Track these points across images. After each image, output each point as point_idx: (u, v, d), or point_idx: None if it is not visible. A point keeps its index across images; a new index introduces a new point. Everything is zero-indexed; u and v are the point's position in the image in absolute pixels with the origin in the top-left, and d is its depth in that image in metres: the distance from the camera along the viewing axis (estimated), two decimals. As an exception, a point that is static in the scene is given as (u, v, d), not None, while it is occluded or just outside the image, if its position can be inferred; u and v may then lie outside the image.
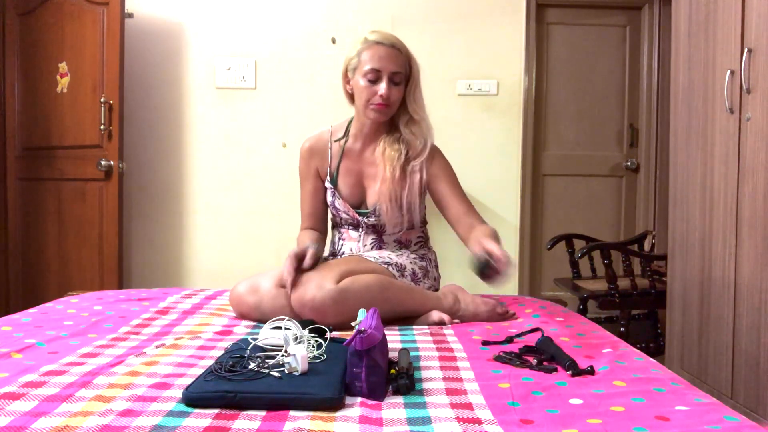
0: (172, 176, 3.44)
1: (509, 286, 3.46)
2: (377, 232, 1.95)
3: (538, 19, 3.59)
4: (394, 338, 1.54)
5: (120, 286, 3.11)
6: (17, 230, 3.36)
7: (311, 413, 1.03)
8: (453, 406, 1.08)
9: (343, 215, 1.95)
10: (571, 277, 3.39)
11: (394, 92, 1.84)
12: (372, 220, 1.92)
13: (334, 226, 2.06)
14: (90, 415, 1.00)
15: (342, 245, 1.99)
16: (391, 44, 1.85)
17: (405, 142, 1.90)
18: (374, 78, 1.83)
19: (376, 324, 1.16)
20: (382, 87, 1.82)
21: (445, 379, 1.22)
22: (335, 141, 1.98)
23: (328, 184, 1.98)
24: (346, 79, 1.92)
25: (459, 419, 1.01)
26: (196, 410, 1.04)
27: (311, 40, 3.40)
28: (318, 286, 1.61)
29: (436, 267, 2.04)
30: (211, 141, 3.43)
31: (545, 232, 3.74)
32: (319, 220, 2.03)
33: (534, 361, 1.31)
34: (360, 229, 1.96)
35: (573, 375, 1.24)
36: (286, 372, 1.15)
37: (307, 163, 2.00)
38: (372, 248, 1.95)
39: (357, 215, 1.93)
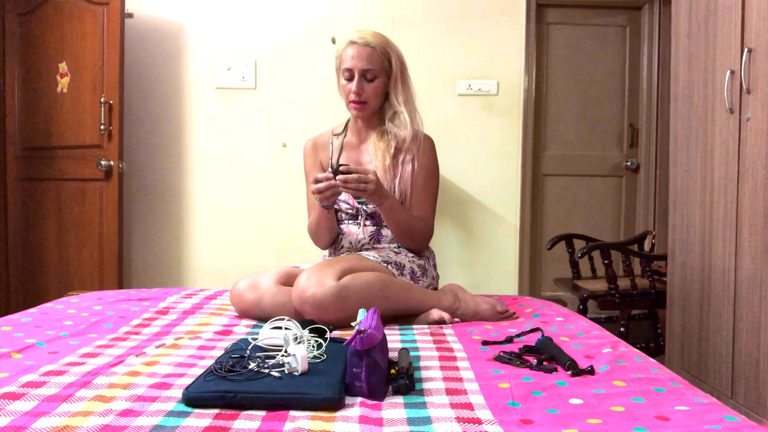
0: (172, 176, 3.44)
1: (509, 286, 3.46)
2: (376, 223, 1.99)
3: (538, 19, 3.59)
4: (394, 338, 1.54)
5: (120, 286, 3.12)
6: (17, 230, 3.36)
7: (311, 413, 1.03)
8: (453, 406, 1.08)
9: (344, 205, 2.00)
10: (571, 277, 3.39)
11: (367, 89, 1.95)
12: (370, 207, 1.96)
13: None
14: (90, 415, 1.00)
15: (341, 240, 2.02)
16: (365, 43, 1.94)
17: (392, 134, 1.99)
18: (349, 76, 1.96)
19: (376, 324, 1.16)
20: (353, 84, 1.94)
21: (445, 379, 1.22)
22: (335, 136, 2.11)
23: None
24: (337, 79, 2.03)
25: (459, 419, 1.01)
26: (196, 410, 1.04)
27: (311, 40, 3.40)
28: (319, 283, 1.62)
29: (435, 266, 2.06)
30: (211, 141, 3.43)
31: (545, 232, 3.74)
32: None
33: (534, 361, 1.31)
34: (359, 221, 2.00)
35: (573, 375, 1.24)
36: (286, 372, 1.15)
37: (312, 158, 2.12)
38: (370, 241, 1.98)
39: (356, 203, 1.98)
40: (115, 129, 3.07)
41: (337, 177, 1.75)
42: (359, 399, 1.11)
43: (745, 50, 2.13)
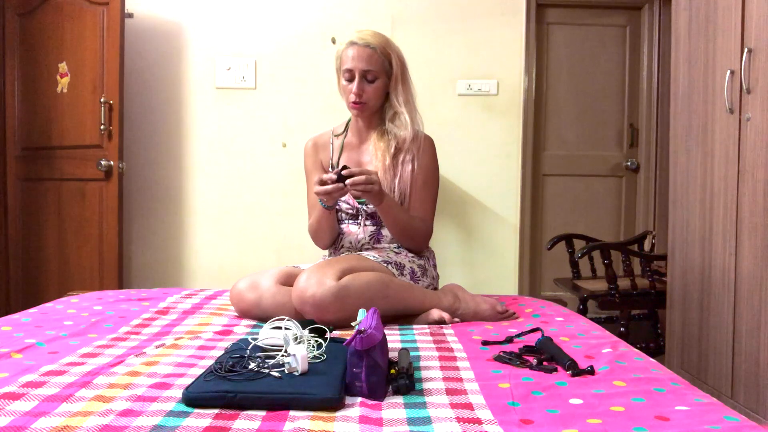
0: (172, 176, 3.44)
1: (509, 287, 3.46)
2: (376, 223, 2.00)
3: (538, 19, 3.59)
4: (394, 338, 1.54)
5: (120, 286, 3.11)
6: (17, 230, 3.36)
7: (311, 413, 1.03)
8: (453, 406, 1.08)
9: (344, 205, 2.01)
10: (571, 277, 3.39)
11: (368, 89, 1.95)
12: (371, 207, 1.96)
13: None
14: (90, 415, 1.00)
15: (342, 239, 2.02)
16: (365, 44, 1.94)
17: (392, 134, 2.00)
18: (349, 77, 1.96)
19: (376, 324, 1.17)
20: (353, 85, 1.94)
21: (445, 379, 1.22)
22: (336, 136, 2.11)
23: None
24: (338, 79, 2.04)
25: (459, 419, 1.01)
26: (196, 410, 1.04)
27: (311, 40, 3.40)
28: (319, 283, 1.62)
29: (435, 266, 2.06)
30: (211, 141, 3.42)
31: (545, 232, 3.74)
32: None
33: (534, 361, 1.31)
34: (359, 221, 2.00)
35: (573, 375, 1.24)
36: (286, 372, 1.15)
37: (313, 158, 2.12)
38: (371, 241, 1.98)
39: (357, 203, 1.99)
40: (115, 129, 3.07)
41: (347, 181, 1.75)
42: (359, 399, 1.11)
43: (745, 50, 2.13)
